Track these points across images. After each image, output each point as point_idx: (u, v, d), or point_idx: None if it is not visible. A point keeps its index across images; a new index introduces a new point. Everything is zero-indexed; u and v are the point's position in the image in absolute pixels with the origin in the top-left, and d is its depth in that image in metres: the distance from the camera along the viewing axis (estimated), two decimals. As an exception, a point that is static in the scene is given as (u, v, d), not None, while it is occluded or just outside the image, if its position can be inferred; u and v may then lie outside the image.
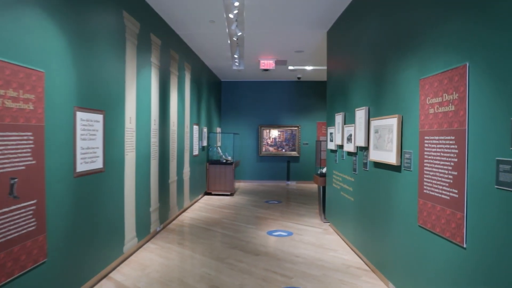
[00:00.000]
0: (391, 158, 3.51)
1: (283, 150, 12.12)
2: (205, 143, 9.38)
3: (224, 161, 9.91)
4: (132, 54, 4.61)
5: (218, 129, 11.51)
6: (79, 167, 3.37)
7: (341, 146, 5.50)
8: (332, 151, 6.09)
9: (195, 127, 8.35)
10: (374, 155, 3.96)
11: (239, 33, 6.63)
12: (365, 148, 4.36)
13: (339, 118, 5.50)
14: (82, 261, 3.47)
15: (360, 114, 4.45)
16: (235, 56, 8.37)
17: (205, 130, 9.37)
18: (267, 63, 8.79)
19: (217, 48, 7.96)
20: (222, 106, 12.27)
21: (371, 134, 4.07)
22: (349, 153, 5.08)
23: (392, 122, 3.51)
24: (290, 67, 9.79)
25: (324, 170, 6.85)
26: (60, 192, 3.08)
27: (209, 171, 9.61)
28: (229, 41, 7.38)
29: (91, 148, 3.57)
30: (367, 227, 4.31)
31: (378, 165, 3.96)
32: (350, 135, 4.89)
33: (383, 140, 3.72)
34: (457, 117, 2.49)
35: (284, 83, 12.05)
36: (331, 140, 6.02)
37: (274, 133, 12.12)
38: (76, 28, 3.31)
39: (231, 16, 5.72)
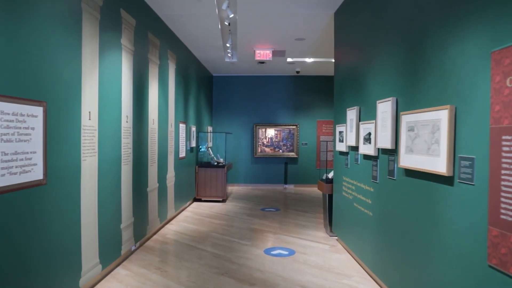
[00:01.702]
0: (437, 165, 2.54)
1: (280, 151, 11.14)
2: (193, 144, 8.37)
3: (216, 163, 8.92)
4: (92, 30, 3.60)
5: (209, 128, 10.51)
6: (-1, 180, 2.36)
7: (354, 148, 4.53)
8: (342, 153, 5.12)
9: (182, 126, 7.34)
10: (407, 161, 2.99)
11: (231, 15, 5.64)
12: (392, 151, 3.39)
13: (352, 113, 4.53)
14: (7, 312, 2.46)
15: (384, 107, 3.48)
16: (227, 45, 7.38)
17: (193, 129, 8.37)
18: (264, 54, 7.81)
19: (207, 36, 6.96)
20: (213, 103, 11.26)
21: (401, 133, 3.11)
22: (366, 157, 4.11)
23: (438, 116, 2.54)
24: (289, 59, 8.82)
25: (330, 175, 5.89)
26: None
27: (199, 175, 8.61)
28: (219, 26, 6.39)
29: (21, 153, 2.56)
30: (394, 252, 3.34)
31: (413, 173, 2.99)
32: (369, 134, 3.92)
33: (423, 141, 2.75)
34: None
35: (282, 78, 11.07)
36: (341, 141, 5.05)
37: (271, 132, 11.14)
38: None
39: (220, -10, 4.74)
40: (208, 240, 5.46)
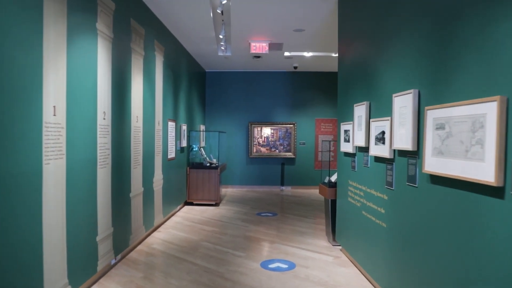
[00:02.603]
0: (480, 172, 2.02)
1: (277, 151, 10.61)
2: (184, 144, 7.81)
3: (208, 164, 8.37)
4: (58, 9, 3.04)
5: (202, 127, 9.95)
6: None
7: (363, 149, 4.00)
8: (348, 154, 4.60)
9: (171, 124, 6.78)
10: (435, 165, 2.47)
11: (224, 1, 5.10)
12: (413, 153, 2.87)
13: (360, 110, 4.00)
14: None
15: (403, 101, 2.96)
16: (220, 36, 6.83)
17: (184, 127, 7.81)
18: (260, 47, 7.27)
19: (198, 26, 6.40)
20: (206, 100, 10.69)
21: (426, 132, 2.58)
22: (379, 159, 3.59)
23: (482, 109, 2.02)
24: (286, 53, 8.28)
25: (333, 178, 5.36)
26: None
27: (190, 176, 8.06)
28: (211, 14, 5.84)
29: (-49, 156, 2.01)
30: (415, 273, 2.82)
31: (443, 181, 2.46)
32: (382, 133, 3.39)
33: (458, 142, 2.23)
34: None
35: (278, 74, 10.53)
36: (347, 140, 4.52)
37: (267, 131, 10.61)
38: None
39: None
40: (198, 251, 4.91)
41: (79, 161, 3.43)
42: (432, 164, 2.51)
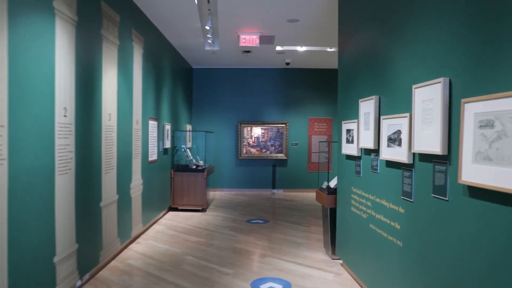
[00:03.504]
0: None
1: (268, 152, 10.03)
2: (168, 145, 7.18)
3: (194, 166, 7.74)
4: (-4, -22, 2.41)
5: (188, 127, 9.31)
6: None
7: (372, 151, 3.44)
8: (351, 157, 4.03)
9: (152, 123, 6.15)
10: (479, 174, 1.90)
11: (210, -16, 4.50)
12: (442, 158, 2.31)
13: (367, 105, 3.44)
14: None
15: (428, 93, 2.40)
16: (207, 27, 6.21)
17: (168, 127, 7.17)
18: (249, 39, 6.68)
19: (182, 15, 5.78)
20: (193, 99, 10.05)
21: (463, 131, 2.02)
22: (392, 164, 3.02)
23: (560, 100, 1.46)
24: (278, 48, 7.71)
25: (332, 183, 4.80)
26: None
27: (175, 180, 7.43)
28: (196, 2, 5.22)
29: None
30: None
31: (489, 195, 1.90)
32: (397, 133, 2.83)
33: (516, 144, 1.67)
34: None
35: (270, 70, 9.95)
36: (350, 141, 3.96)
37: (257, 131, 10.01)
38: None
39: None
40: (180, 268, 4.29)
41: (28, 167, 2.79)
42: (474, 173, 1.95)
